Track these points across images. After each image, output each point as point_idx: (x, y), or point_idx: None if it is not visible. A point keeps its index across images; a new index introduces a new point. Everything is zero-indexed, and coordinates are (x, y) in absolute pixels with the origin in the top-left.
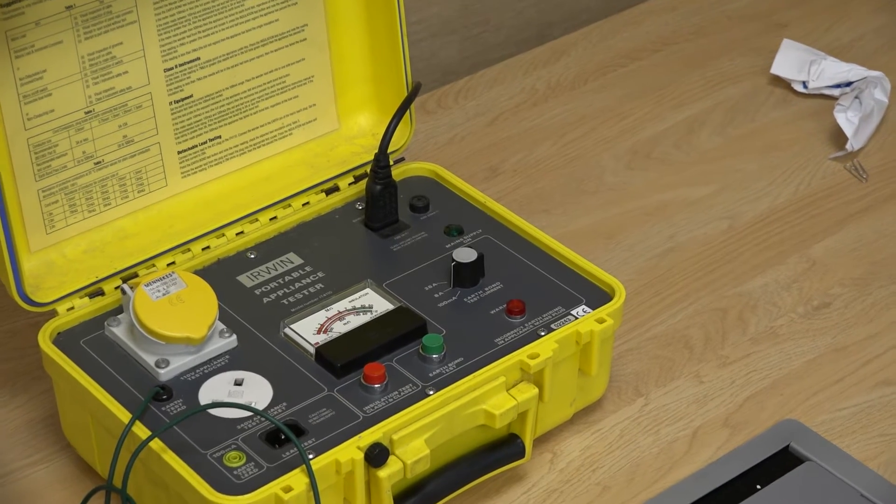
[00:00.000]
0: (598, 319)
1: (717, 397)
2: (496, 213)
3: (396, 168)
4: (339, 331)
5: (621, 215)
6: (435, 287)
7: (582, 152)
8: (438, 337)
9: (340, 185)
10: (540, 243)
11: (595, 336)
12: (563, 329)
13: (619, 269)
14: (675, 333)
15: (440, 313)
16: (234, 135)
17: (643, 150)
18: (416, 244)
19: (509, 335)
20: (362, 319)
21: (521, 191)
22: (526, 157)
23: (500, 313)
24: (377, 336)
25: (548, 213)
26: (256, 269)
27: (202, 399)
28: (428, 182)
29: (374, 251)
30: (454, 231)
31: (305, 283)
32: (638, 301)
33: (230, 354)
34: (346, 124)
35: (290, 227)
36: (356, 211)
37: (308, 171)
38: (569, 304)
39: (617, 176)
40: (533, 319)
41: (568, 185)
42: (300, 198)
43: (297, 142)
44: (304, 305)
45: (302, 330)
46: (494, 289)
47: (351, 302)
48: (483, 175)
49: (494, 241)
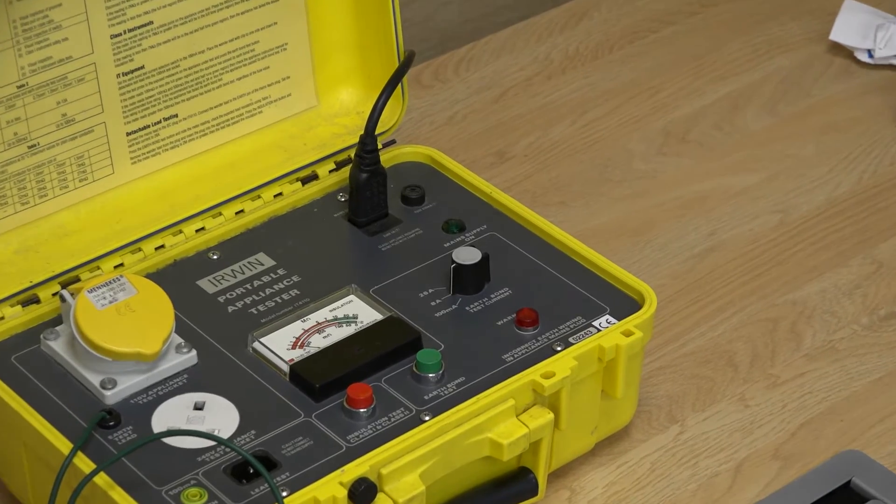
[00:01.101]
0: (624, 332)
1: (766, 424)
2: (504, 206)
3: (386, 152)
4: (317, 345)
5: (652, 209)
6: (431, 293)
7: (605, 134)
8: (435, 353)
9: (319, 173)
10: (556, 242)
11: (621, 352)
12: (583, 343)
13: (650, 272)
14: (717, 349)
15: (438, 324)
16: (194, 113)
17: (678, 132)
18: (408, 243)
19: (519, 350)
20: (345, 332)
21: (534, 180)
22: (539, 139)
23: (509, 325)
24: (363, 351)
25: (565, 206)
26: (220, 272)
27: (156, 426)
28: (423, 169)
29: (359, 251)
30: (454, 227)
31: (278, 288)
32: (672, 310)
33: (189, 373)
34: (327, 101)
35: (259, 223)
36: (338, 203)
37: (281, 157)
38: (590, 314)
39: (647, 162)
40: (547, 332)
41: (589, 173)
42: (272, 188)
43: (269, 121)
44: (277, 315)
45: (274, 344)
46: (502, 296)
47: (332, 311)
48: (488, 161)
49: (502, 240)
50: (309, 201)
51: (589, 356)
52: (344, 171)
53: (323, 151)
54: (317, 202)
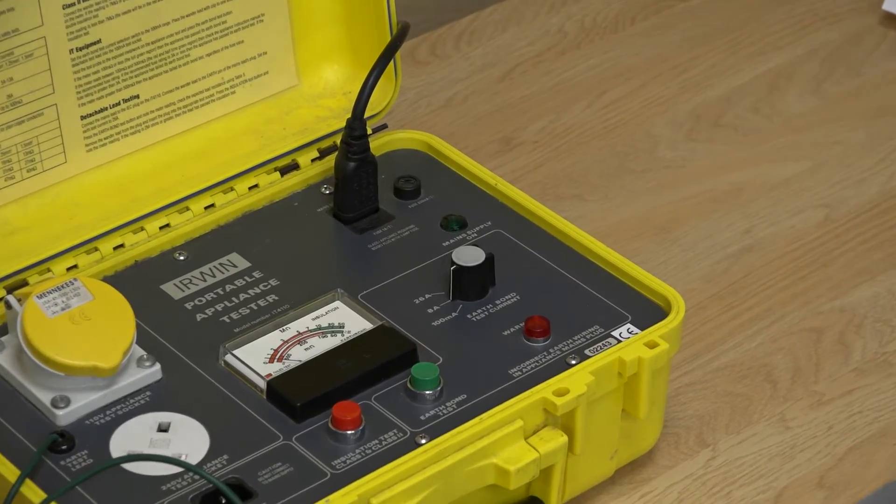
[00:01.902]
0: (648, 343)
1: (810, 448)
2: (511, 200)
3: (376, 139)
4: (298, 358)
5: (680, 203)
6: (428, 300)
7: (627, 118)
8: (433, 367)
9: (301, 162)
10: (570, 241)
11: (644, 366)
12: (601, 356)
13: (677, 275)
14: (753, 362)
15: (435, 335)
16: (157, 94)
17: (710, 115)
18: (402, 241)
19: (528, 364)
20: (330, 343)
21: (545, 170)
22: (551, 123)
23: (517, 335)
24: (350, 365)
25: (581, 200)
26: (187, 274)
27: (115, 451)
28: (419, 158)
29: (346, 251)
30: (454, 224)
31: (253, 293)
32: (702, 318)
33: (152, 390)
34: (309, 79)
35: (232, 219)
36: (322, 196)
37: (257, 143)
38: (609, 323)
39: (674, 149)
40: (560, 343)
41: (608, 162)
42: (246, 178)
43: (243, 103)
44: (252, 324)
45: (249, 357)
46: (508, 302)
47: (315, 319)
48: (494, 148)
49: (508, 238)
50: (288, 194)
51: (608, 371)
52: (329, 160)
53: (304, 137)
54: (297, 195)
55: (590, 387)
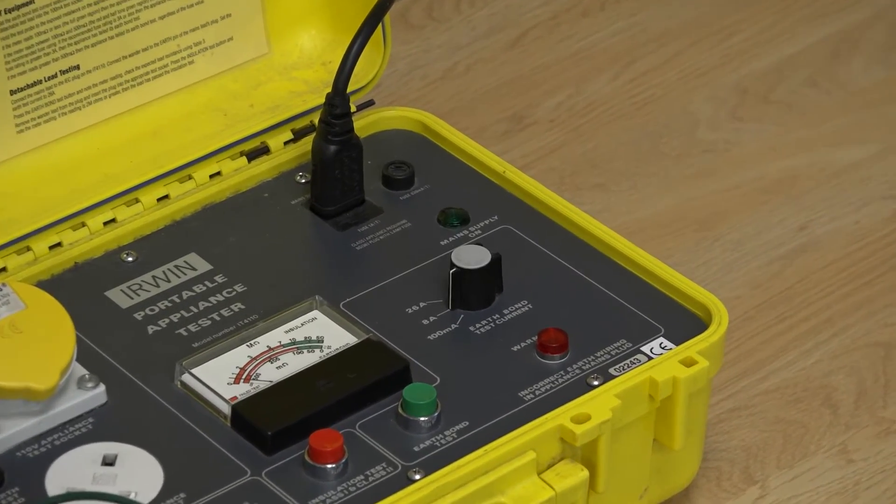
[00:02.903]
0: (684, 360)
1: (877, 485)
2: (521, 191)
3: (362, 117)
4: (269, 378)
5: (723, 193)
6: (423, 309)
7: (661, 92)
8: (429, 388)
9: (272, 145)
10: (592, 239)
11: (680, 387)
12: (628, 376)
13: (720, 279)
14: (810, 383)
15: (432, 350)
16: (101, 64)
17: (758, 90)
18: (392, 240)
19: (542, 385)
20: (307, 360)
21: (563, 154)
22: (570, 99)
23: (528, 350)
24: (331, 387)
25: (605, 190)
26: (137, 279)
27: (51, 487)
28: (412, 140)
29: (325, 251)
30: (454, 219)
31: (216, 301)
32: (749, 331)
33: (96, 416)
34: (281, 47)
35: (190, 213)
36: (297, 186)
37: (220, 123)
38: (638, 337)
39: (717, 130)
40: (580, 360)
41: (637, 145)
42: (207, 165)
43: (203, 75)
44: (215, 338)
45: (210, 377)
46: (518, 311)
47: (289, 332)
48: (501, 128)
49: (519, 235)
50: (257, 183)
51: (636, 393)
52: (305, 143)
53: (276, 116)
54: (268, 185)
55: (615, 412)
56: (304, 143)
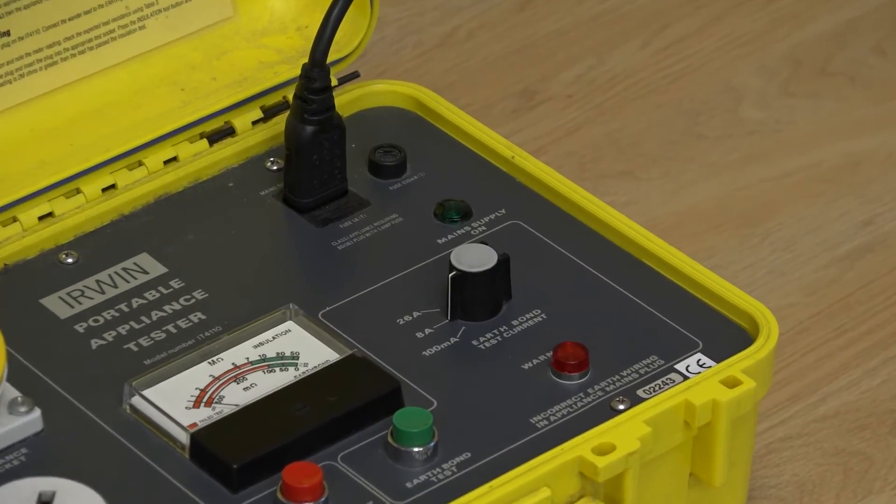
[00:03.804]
0: (726, 381)
1: None
2: (533, 180)
3: (345, 92)
4: (234, 402)
5: (772, 183)
6: (418, 319)
7: (698, 63)
8: (424, 413)
9: (238, 126)
10: (617, 236)
11: (721, 412)
12: (660, 398)
13: (769, 284)
14: (875, 407)
15: (427, 368)
16: (35, 30)
17: (814, 60)
18: (380, 238)
19: (559, 410)
20: (280, 380)
21: (583, 136)
22: (591, 71)
23: (542, 369)
24: (308, 412)
25: (633, 179)
26: (78, 284)
27: None
28: (404, 120)
29: (301, 250)
30: (454, 213)
31: (171, 311)
32: (804, 345)
33: (31, 446)
34: (249, 9)
35: (141, 206)
36: (268, 174)
37: (176, 99)
38: (672, 352)
39: (764, 108)
40: (603, 380)
41: (671, 126)
42: (161, 149)
43: (156, 42)
44: (170, 354)
45: (165, 400)
46: (530, 322)
47: (258, 348)
48: (510, 106)
49: (530, 232)
50: (221, 171)
51: (670, 419)
52: (278, 123)
53: (243, 91)
54: (233, 172)
55: (644, 442)
56: (276, 123)
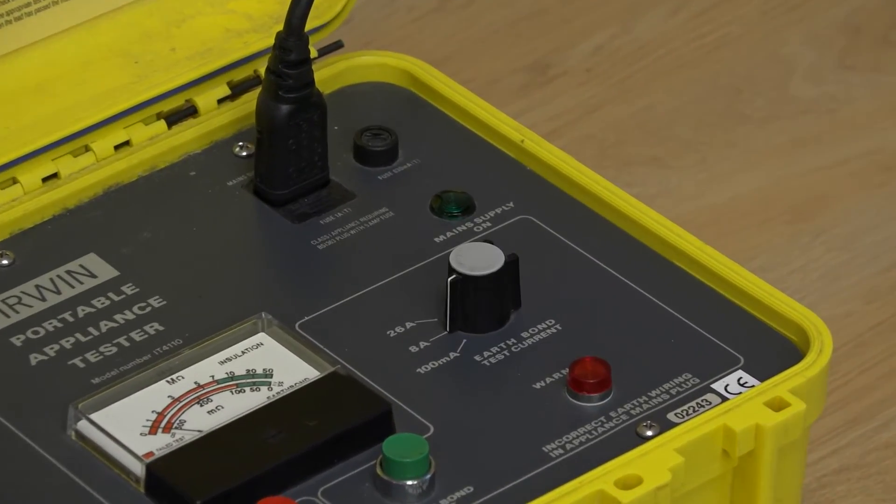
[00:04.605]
0: (772, 402)
1: None
2: (546, 167)
3: (326, 65)
4: (197, 427)
5: (827, 171)
6: (411, 331)
7: (739, 30)
8: (419, 440)
9: (201, 105)
10: (645, 234)
11: (766, 439)
12: (694, 423)
13: (822, 290)
14: None
15: (423, 388)
16: None
17: (875, 27)
18: (368, 235)
19: (576, 437)
20: (250, 402)
21: (604, 116)
22: (614, 40)
23: (556, 389)
24: (284, 439)
25: (662, 167)
26: (14, 290)
27: None
28: (396, 98)
29: (276, 250)
30: (453, 206)
31: (123, 320)
32: (863, 362)
33: None
34: None
35: (87, 199)
36: (236, 161)
37: (128, 73)
38: (708, 369)
39: (818, 83)
40: (628, 402)
41: (708, 104)
42: (110, 132)
43: (105, 7)
44: (122, 371)
45: (117, 425)
46: (543, 334)
47: (225, 364)
48: (519, 81)
49: (542, 229)
50: (181, 157)
51: (706, 447)
52: (247, 101)
53: (207, 64)
54: (195, 159)
55: (676, 473)
56: (246, 101)
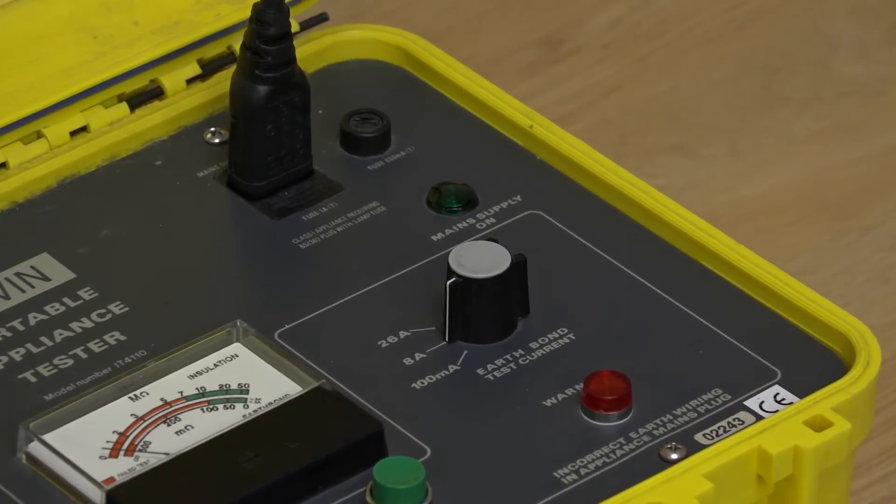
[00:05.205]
0: (813, 422)
1: None
2: (558, 156)
3: (309, 41)
4: (164, 450)
5: (875, 161)
6: (406, 340)
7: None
8: (414, 464)
9: (168, 86)
10: (670, 231)
11: (806, 462)
12: (725, 445)
13: (870, 295)
14: None
15: (419, 405)
16: None
17: None
18: (356, 233)
19: (592, 461)
20: (224, 421)
21: (623, 98)
22: (633, 12)
23: (569, 406)
24: (261, 463)
25: (689, 156)
26: None
27: None
28: (389, 77)
29: (253, 250)
30: (453, 200)
31: (80, 329)
32: None
33: None
34: None
35: (40, 192)
36: (208, 149)
37: (86, 49)
38: (741, 384)
39: (864, 62)
40: (650, 422)
41: (740, 85)
42: (66, 115)
43: None
44: (79, 386)
45: (73, 447)
46: (554, 344)
47: (195, 378)
48: (528, 58)
49: (554, 226)
50: (145, 145)
51: (738, 473)
52: (220, 81)
53: (174, 39)
54: (161, 147)
55: (704, 501)
56: (219, 81)
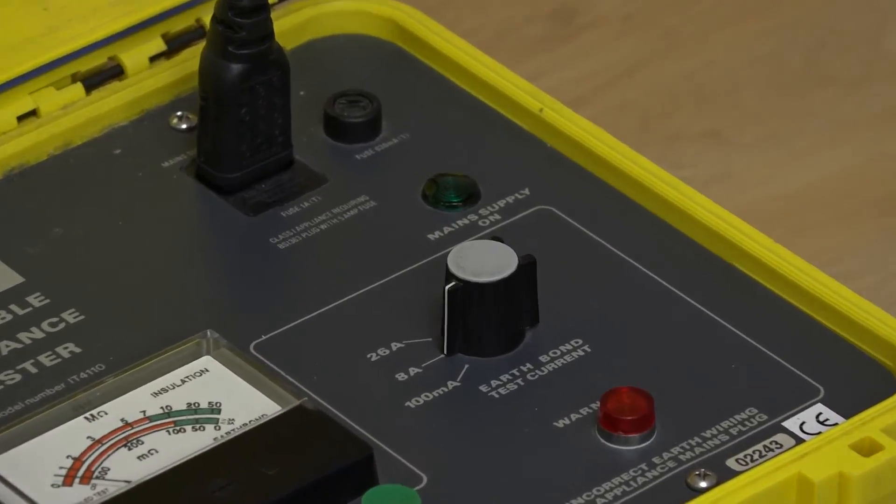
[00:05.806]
0: (860, 445)
1: None
2: (571, 143)
3: (289, 13)
4: (124, 477)
5: None
6: (399, 353)
7: None
8: (409, 493)
9: (128, 64)
10: (698, 229)
11: (853, 490)
12: (761, 471)
13: None
14: None
15: (413, 427)
16: None
17: None
18: (342, 231)
19: (610, 489)
20: (192, 444)
21: (645, 79)
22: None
23: (585, 427)
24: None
25: (721, 143)
26: None
27: None
28: (379, 54)
29: (225, 251)
30: (452, 194)
31: (30, 340)
32: None
33: None
34: None
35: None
36: (175, 136)
37: (37, 23)
38: (779, 403)
39: None
40: (676, 445)
41: (779, 63)
42: (14, 97)
43: None
44: (29, 405)
45: (21, 474)
46: (566, 357)
47: (160, 396)
48: (537, 33)
49: (566, 223)
50: (103, 131)
51: (775, 502)
52: (188, 59)
53: (136, 11)
54: (122, 133)
55: None
56: (186, 59)
